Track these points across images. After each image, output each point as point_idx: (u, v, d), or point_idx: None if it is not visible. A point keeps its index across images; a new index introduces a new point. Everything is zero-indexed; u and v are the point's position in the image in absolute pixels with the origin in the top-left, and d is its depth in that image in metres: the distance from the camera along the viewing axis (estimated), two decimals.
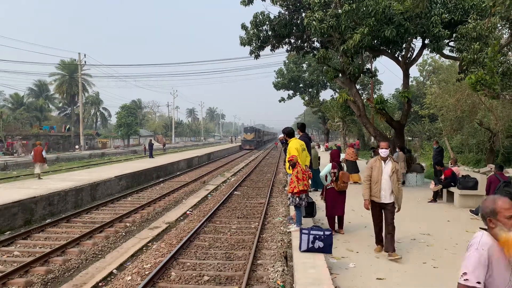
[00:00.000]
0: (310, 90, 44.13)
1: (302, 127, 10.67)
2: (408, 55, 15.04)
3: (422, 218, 9.35)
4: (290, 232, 7.85)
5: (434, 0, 12.76)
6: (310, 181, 8.29)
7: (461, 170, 12.65)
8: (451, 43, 14.67)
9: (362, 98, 19.10)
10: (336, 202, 7.79)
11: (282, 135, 8.80)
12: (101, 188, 15.06)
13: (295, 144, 8.08)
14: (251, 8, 15.48)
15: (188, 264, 7.18)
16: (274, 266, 6.89)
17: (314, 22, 12.41)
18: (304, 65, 42.00)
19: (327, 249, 6.13)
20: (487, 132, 18.76)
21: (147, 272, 6.77)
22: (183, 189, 16.98)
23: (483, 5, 10.67)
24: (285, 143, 8.62)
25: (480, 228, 2.52)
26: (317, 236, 6.13)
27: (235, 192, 15.42)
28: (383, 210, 6.40)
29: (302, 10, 15.12)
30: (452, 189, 11.12)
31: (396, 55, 15.35)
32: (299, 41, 16.86)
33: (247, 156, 40.15)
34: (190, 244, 8.43)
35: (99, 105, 72.64)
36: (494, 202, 2.43)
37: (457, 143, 23.86)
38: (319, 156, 12.36)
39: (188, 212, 12.27)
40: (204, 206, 12.93)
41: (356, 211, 9.85)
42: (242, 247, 8.19)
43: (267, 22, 15.15)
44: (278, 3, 14.85)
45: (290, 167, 7.63)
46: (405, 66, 15.12)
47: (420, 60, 22.81)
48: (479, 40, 11.21)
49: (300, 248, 6.22)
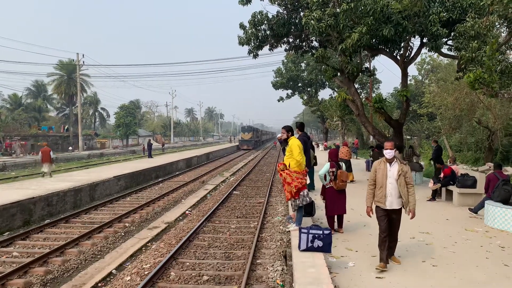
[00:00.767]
0: (308, 89, 44.17)
1: (301, 126, 10.65)
2: (407, 54, 15.05)
3: (421, 216, 9.35)
4: (289, 231, 7.85)
5: None
6: (308, 178, 8.26)
7: (459, 169, 12.68)
8: (450, 42, 14.68)
9: (361, 97, 19.10)
10: (335, 201, 7.78)
11: (280, 135, 8.76)
12: (100, 189, 15.04)
13: (298, 142, 8.06)
14: (249, 8, 15.48)
15: (188, 264, 7.17)
16: (273, 265, 6.89)
17: (312, 21, 12.42)
18: (303, 64, 42.02)
19: (326, 248, 6.13)
20: (485, 131, 18.80)
21: (146, 272, 6.76)
22: (182, 189, 16.97)
23: (481, 3, 10.67)
24: (283, 143, 8.59)
25: None
26: (316, 235, 6.13)
27: (234, 192, 15.42)
28: (389, 217, 5.85)
29: (300, 10, 15.11)
30: (451, 187, 11.14)
31: (394, 54, 15.36)
32: (298, 40, 16.86)
33: (246, 156, 40.14)
34: (190, 244, 8.42)
35: (97, 105, 72.58)
36: None
37: (455, 142, 23.91)
38: (315, 155, 12.36)
39: (187, 212, 12.26)
40: (203, 206, 12.92)
41: (355, 210, 9.86)
42: (241, 247, 8.19)
43: (265, 22, 15.15)
44: (277, 3, 14.85)
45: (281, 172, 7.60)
46: (403, 65, 15.13)
47: (418, 59, 22.82)
48: (477, 38, 11.22)
49: (299, 247, 6.21)
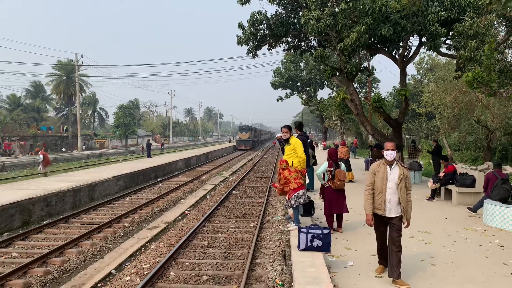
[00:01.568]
0: (307, 88, 44.17)
1: (299, 126, 10.67)
2: (405, 53, 15.06)
3: (420, 216, 9.37)
4: (289, 231, 7.86)
5: None
6: (307, 178, 8.27)
7: (458, 168, 12.69)
8: (448, 41, 14.70)
9: (360, 96, 19.10)
10: (334, 200, 7.78)
11: (279, 134, 8.76)
12: (99, 189, 15.03)
13: (299, 140, 8.09)
14: (248, 7, 15.47)
15: (187, 263, 7.17)
16: (273, 265, 6.90)
17: (311, 21, 12.42)
18: (302, 64, 42.03)
19: (325, 247, 6.13)
20: (484, 130, 18.83)
21: (146, 272, 6.77)
22: (181, 188, 16.97)
23: (480, 2, 10.68)
24: (283, 142, 8.58)
25: None
26: (315, 234, 6.13)
27: (234, 192, 15.42)
28: (388, 226, 5.33)
29: (299, 9, 15.11)
30: (450, 186, 11.15)
31: (393, 54, 15.37)
32: (296, 40, 16.85)
33: (245, 156, 40.14)
34: (189, 244, 8.43)
35: (95, 105, 72.52)
36: None
37: (454, 141, 23.94)
38: (314, 155, 12.40)
39: (186, 212, 12.27)
40: (203, 206, 12.93)
41: (354, 209, 9.86)
42: (240, 247, 8.20)
43: (264, 21, 15.13)
44: (275, 2, 14.84)
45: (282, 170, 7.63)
46: (402, 64, 15.14)
47: (417, 58, 22.89)
48: (476, 38, 11.23)
49: (298, 247, 6.22)
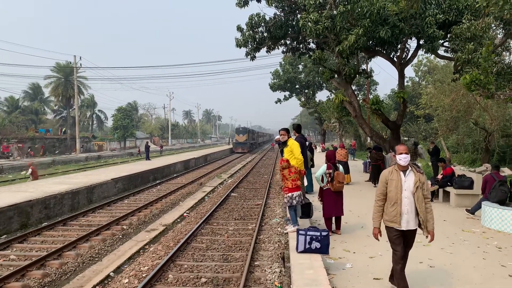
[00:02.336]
0: (306, 91, 44.27)
1: (297, 128, 10.69)
2: (403, 56, 15.12)
3: None
4: (287, 233, 7.86)
5: (429, 1, 12.84)
6: (306, 180, 8.30)
7: (457, 170, 12.72)
8: (446, 44, 14.76)
9: (358, 98, 19.15)
10: (333, 202, 7.79)
11: (278, 136, 8.80)
12: (97, 191, 15.01)
13: (297, 142, 8.15)
14: (247, 10, 15.53)
15: (186, 266, 7.17)
16: (271, 267, 6.90)
17: (309, 24, 12.46)
18: (300, 66, 42.12)
19: (324, 249, 6.14)
20: (482, 132, 18.88)
21: (144, 275, 6.76)
22: (180, 191, 16.95)
23: (477, 5, 10.72)
24: (282, 144, 8.61)
25: None
26: (314, 237, 6.14)
27: (232, 194, 15.42)
28: (405, 238, 4.74)
29: (297, 12, 15.16)
30: (448, 188, 11.18)
31: (391, 56, 15.43)
32: (295, 42, 16.91)
33: (244, 158, 40.14)
34: (188, 246, 8.42)
35: (94, 107, 72.47)
36: None
37: (452, 143, 24.00)
38: (312, 157, 12.46)
39: (185, 214, 12.25)
40: (201, 208, 12.92)
41: (353, 211, 9.88)
42: (239, 249, 8.19)
43: (262, 24, 15.18)
44: (274, 5, 14.88)
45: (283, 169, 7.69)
46: (400, 66, 15.19)
47: (415, 60, 22.91)
48: (474, 40, 11.29)
49: (297, 249, 6.22)
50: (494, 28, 14.17)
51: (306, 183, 11.24)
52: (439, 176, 11.90)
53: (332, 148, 26.23)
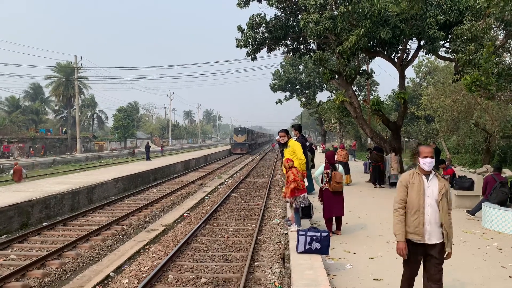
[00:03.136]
0: (306, 91, 44.25)
1: (299, 128, 10.70)
2: (404, 57, 15.11)
3: None
4: (288, 233, 7.86)
5: (429, 2, 12.85)
6: (306, 181, 8.31)
7: (457, 171, 12.71)
8: (447, 44, 14.76)
9: (359, 99, 19.15)
10: (332, 203, 7.79)
11: (278, 137, 8.80)
12: (98, 191, 15.01)
13: (298, 143, 8.16)
14: (247, 10, 15.54)
15: (186, 266, 7.16)
16: (271, 267, 6.89)
17: (310, 24, 12.46)
18: (301, 66, 42.13)
19: (324, 250, 6.13)
20: (483, 133, 18.88)
21: (144, 275, 6.75)
22: (180, 191, 16.95)
23: (478, 6, 10.74)
24: (282, 145, 8.61)
25: None
26: (314, 237, 6.14)
27: (233, 194, 15.42)
28: (424, 257, 4.03)
29: (298, 12, 15.16)
30: None
31: (392, 57, 15.42)
32: (296, 43, 16.90)
33: (244, 158, 40.14)
34: (188, 247, 8.42)
35: (94, 107, 72.53)
36: None
37: (453, 144, 24.00)
38: (312, 158, 12.46)
39: (185, 214, 12.25)
40: (202, 208, 12.92)
41: (353, 212, 9.88)
42: (239, 249, 8.19)
43: (263, 24, 15.18)
44: (274, 5, 14.89)
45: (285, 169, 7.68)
46: (401, 67, 15.19)
47: (416, 61, 22.92)
48: (474, 41, 11.27)
49: (297, 249, 6.22)
50: (495, 29, 14.16)
51: (306, 184, 11.23)
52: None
53: (333, 148, 26.20)
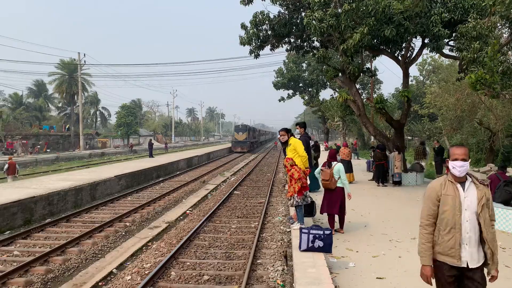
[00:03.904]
0: (310, 89, 44.14)
1: (304, 126, 10.68)
2: (408, 55, 15.05)
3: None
4: (290, 231, 7.86)
5: (434, 0, 12.77)
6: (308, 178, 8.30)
7: None
8: (451, 43, 14.68)
9: (362, 97, 19.11)
10: (327, 199, 7.85)
11: (279, 136, 8.77)
12: (100, 188, 15.05)
13: (299, 141, 8.15)
14: (251, 8, 15.50)
15: (188, 263, 7.17)
16: (274, 265, 6.89)
17: (313, 22, 12.41)
18: (304, 64, 42.02)
19: (327, 248, 6.13)
20: (487, 132, 18.79)
21: (147, 272, 6.77)
22: (183, 188, 16.97)
23: (483, 4, 10.65)
24: (284, 143, 8.58)
25: None
26: (317, 235, 6.13)
27: (235, 192, 15.42)
28: (460, 280, 3.31)
29: (301, 10, 15.11)
30: None
31: (396, 55, 15.36)
32: (299, 40, 16.85)
33: (246, 156, 40.13)
34: (190, 244, 8.42)
35: (97, 104, 72.70)
36: None
37: (457, 143, 23.87)
38: (316, 155, 12.46)
39: (188, 211, 12.27)
40: (204, 206, 12.93)
41: (356, 210, 9.86)
42: (242, 247, 8.19)
43: (266, 22, 15.14)
44: (278, 3, 14.85)
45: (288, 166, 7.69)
46: (405, 65, 15.13)
47: (420, 59, 22.87)
48: (479, 39, 11.21)
49: (300, 247, 6.21)
50: (500, 27, 14.07)
51: (308, 182, 11.22)
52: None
53: (335, 147, 26.19)
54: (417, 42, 15.24)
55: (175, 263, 7.20)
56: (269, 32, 15.52)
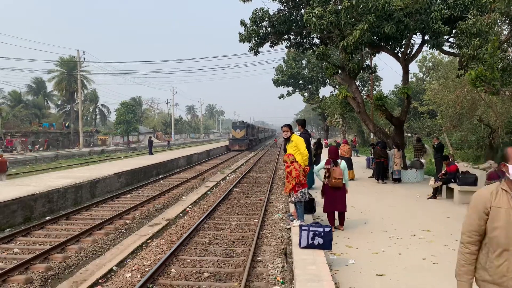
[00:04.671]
0: (309, 86, 44.11)
1: (303, 123, 10.66)
2: (408, 51, 15.04)
3: (422, 214, 9.37)
4: (290, 228, 7.86)
5: None
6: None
7: (460, 167, 12.67)
8: (451, 39, 14.66)
9: (362, 94, 19.07)
10: (332, 197, 7.81)
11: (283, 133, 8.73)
12: (100, 185, 15.05)
13: (301, 138, 8.15)
14: (250, 5, 15.45)
15: (188, 260, 7.18)
16: (274, 262, 6.90)
17: (313, 19, 12.38)
18: (304, 61, 41.96)
19: (327, 245, 6.13)
20: (486, 128, 18.81)
21: (147, 269, 6.77)
22: (182, 186, 16.98)
23: (483, 1, 10.63)
24: (285, 140, 8.57)
25: None
26: (317, 232, 6.13)
27: (235, 189, 15.43)
28: None
29: (301, 6, 15.08)
30: (451, 185, 11.13)
31: (395, 51, 15.34)
32: (299, 37, 16.83)
33: (246, 153, 40.14)
34: (190, 241, 8.43)
35: (97, 101, 72.64)
36: None
37: (456, 140, 23.91)
38: (317, 153, 12.47)
39: (187, 209, 12.27)
40: (204, 203, 12.94)
41: (355, 207, 9.87)
42: (242, 244, 8.20)
43: (266, 19, 15.11)
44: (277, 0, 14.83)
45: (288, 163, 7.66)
46: (404, 62, 15.11)
47: (419, 56, 22.84)
48: (479, 36, 11.19)
49: (299, 244, 6.22)
50: (500, 23, 14.06)
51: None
52: (441, 174, 11.84)
53: (335, 144, 26.20)
54: (417, 39, 15.26)
55: (175, 260, 7.21)
56: (268, 29, 15.49)
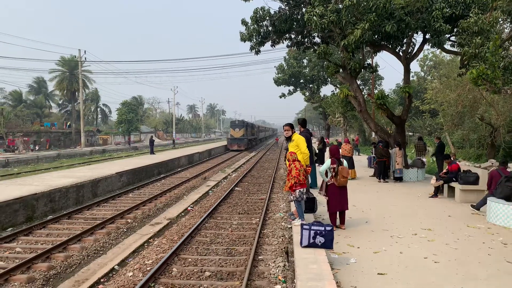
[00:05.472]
0: (310, 85, 44.05)
1: (303, 122, 10.64)
2: (409, 50, 15.00)
3: (423, 213, 9.36)
4: (291, 227, 7.85)
5: None
6: (309, 177, 8.29)
7: (462, 165, 12.64)
8: (452, 38, 14.62)
9: (363, 93, 19.06)
10: (338, 197, 7.77)
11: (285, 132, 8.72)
12: (102, 185, 15.07)
13: (302, 137, 8.15)
14: (251, 4, 15.45)
15: (190, 260, 7.19)
16: (275, 261, 6.90)
17: (314, 17, 12.36)
18: (305, 60, 41.91)
19: (328, 244, 6.13)
20: (488, 127, 18.76)
21: (148, 268, 6.79)
22: (184, 185, 16.99)
23: None
24: (287, 139, 8.56)
25: None
26: (318, 231, 6.13)
27: (236, 188, 15.44)
28: None
29: (302, 5, 15.06)
30: (453, 184, 11.11)
31: (397, 50, 15.31)
32: (300, 36, 16.80)
33: (247, 153, 40.13)
34: (192, 240, 8.44)
35: (98, 101, 72.73)
36: None
37: (458, 138, 23.86)
38: (317, 152, 12.47)
39: (189, 208, 12.28)
40: (205, 202, 12.95)
41: (357, 206, 9.86)
42: (243, 243, 8.20)
43: (267, 18, 15.10)
44: None
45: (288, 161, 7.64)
46: (406, 61, 15.08)
47: (421, 55, 22.75)
48: (481, 34, 11.16)
49: (301, 243, 6.22)
50: (502, 22, 14.02)
51: (309, 179, 11.22)
52: (442, 173, 11.82)
53: (336, 143, 26.16)
54: (418, 38, 15.26)
55: (176, 260, 7.22)
56: (269, 28, 15.48)
